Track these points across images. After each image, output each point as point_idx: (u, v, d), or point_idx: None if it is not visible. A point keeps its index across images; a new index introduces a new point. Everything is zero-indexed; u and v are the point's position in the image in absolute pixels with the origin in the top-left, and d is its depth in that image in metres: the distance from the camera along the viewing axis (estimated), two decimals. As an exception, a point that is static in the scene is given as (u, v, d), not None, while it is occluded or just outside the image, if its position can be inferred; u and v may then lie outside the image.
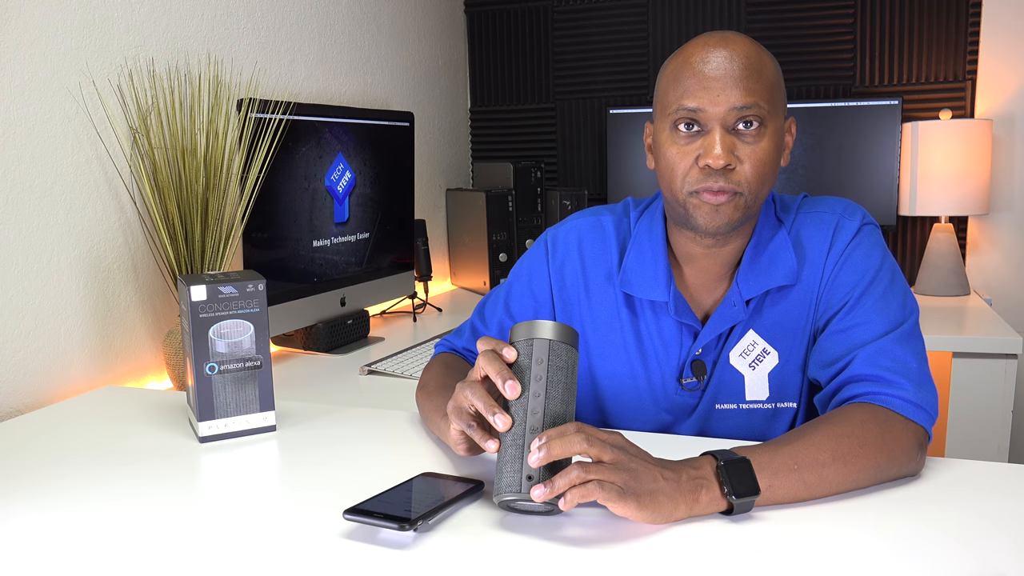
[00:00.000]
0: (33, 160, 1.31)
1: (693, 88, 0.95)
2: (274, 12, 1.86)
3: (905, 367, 0.93)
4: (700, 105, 0.95)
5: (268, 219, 1.63)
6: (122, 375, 1.49)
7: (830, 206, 1.05)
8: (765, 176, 0.97)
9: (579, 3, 2.69)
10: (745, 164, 0.95)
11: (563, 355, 0.82)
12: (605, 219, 1.12)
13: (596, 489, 0.74)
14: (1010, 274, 2.40)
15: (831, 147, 2.34)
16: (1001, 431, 1.87)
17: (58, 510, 0.88)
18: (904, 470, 0.89)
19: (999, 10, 2.32)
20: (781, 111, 0.99)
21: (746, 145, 0.95)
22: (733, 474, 0.80)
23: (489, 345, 0.84)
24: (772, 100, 0.96)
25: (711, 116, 0.95)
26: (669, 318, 1.06)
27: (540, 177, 2.58)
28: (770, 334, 1.04)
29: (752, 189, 0.96)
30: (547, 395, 0.80)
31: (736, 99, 0.94)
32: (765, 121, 0.96)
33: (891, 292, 0.99)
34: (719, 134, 0.94)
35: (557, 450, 0.76)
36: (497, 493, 0.80)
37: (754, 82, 0.94)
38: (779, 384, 1.05)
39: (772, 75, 0.97)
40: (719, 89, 0.94)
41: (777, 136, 0.98)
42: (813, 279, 1.03)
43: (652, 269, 1.06)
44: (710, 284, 1.07)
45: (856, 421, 0.88)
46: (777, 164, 0.99)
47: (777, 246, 1.03)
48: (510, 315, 1.15)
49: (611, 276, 1.10)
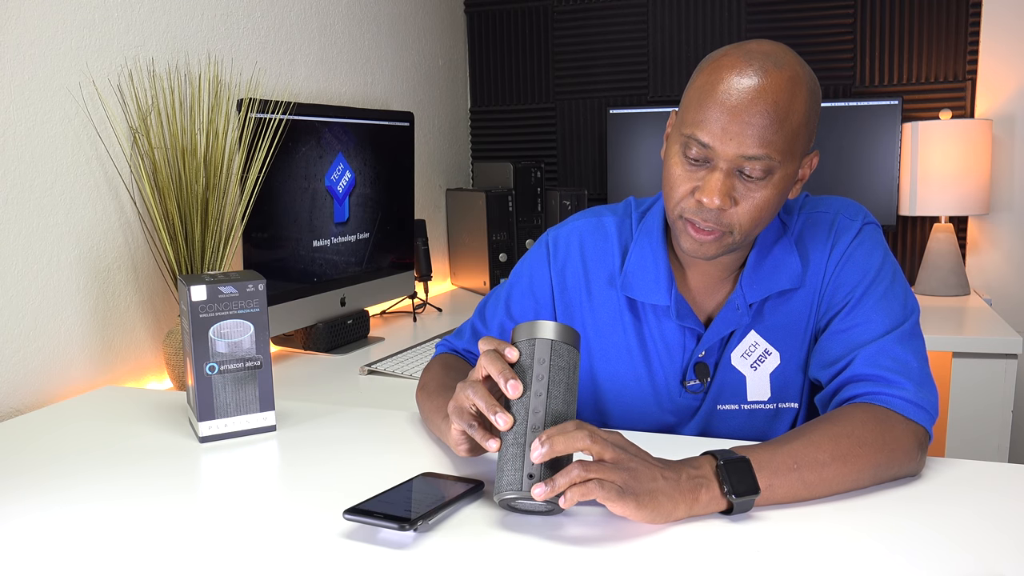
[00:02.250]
0: (33, 160, 1.31)
1: (710, 122, 0.91)
2: (274, 12, 1.86)
3: (906, 367, 0.93)
4: (711, 143, 0.91)
5: (268, 219, 1.63)
6: (122, 375, 1.49)
7: (831, 206, 1.05)
8: (759, 220, 0.95)
9: (579, 3, 2.69)
10: (741, 207, 0.94)
11: (565, 355, 0.82)
12: (607, 220, 1.12)
13: (596, 488, 0.75)
14: (1010, 274, 2.40)
15: (831, 147, 2.34)
16: (1001, 431, 1.87)
17: (58, 510, 0.88)
18: (904, 470, 0.89)
19: (999, 10, 2.32)
20: (799, 155, 0.95)
21: (747, 189, 0.93)
22: (733, 473, 0.80)
23: (491, 345, 0.84)
24: (789, 150, 0.92)
25: (719, 155, 0.91)
26: (672, 321, 1.06)
27: (540, 177, 2.58)
28: (772, 335, 1.04)
29: (743, 230, 0.95)
30: (549, 395, 0.80)
31: (748, 147, 0.90)
32: (774, 170, 0.92)
33: (892, 292, 0.99)
34: (721, 176, 0.92)
35: (560, 446, 0.76)
36: (498, 491, 0.80)
37: (773, 133, 0.90)
38: (781, 385, 1.05)
39: (798, 121, 0.91)
40: (735, 132, 0.90)
41: (784, 183, 0.94)
42: (815, 280, 1.03)
43: (654, 272, 1.05)
44: (712, 286, 1.06)
45: (856, 421, 0.88)
46: (776, 208, 0.96)
47: (782, 250, 1.03)
48: (511, 316, 1.15)
49: (613, 279, 1.09)
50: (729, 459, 0.81)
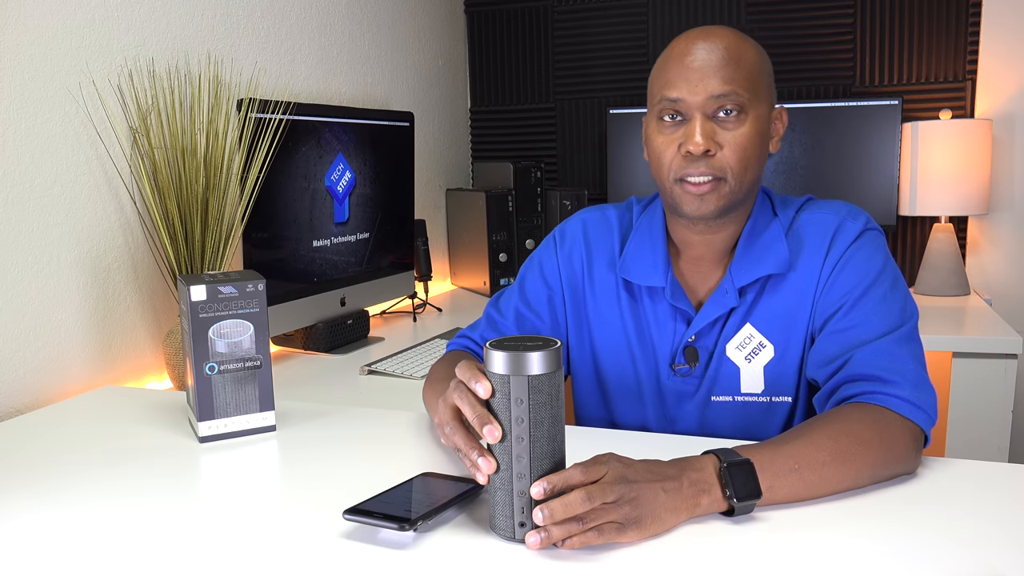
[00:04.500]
0: (33, 160, 1.31)
1: (675, 79, 0.99)
2: (274, 12, 1.86)
3: (903, 368, 0.94)
4: (680, 95, 0.99)
5: (268, 219, 1.63)
6: (122, 375, 1.49)
7: (834, 208, 1.07)
8: (747, 161, 1.00)
9: (579, 3, 2.69)
10: (726, 149, 0.99)
11: (545, 387, 0.75)
12: (610, 213, 1.18)
13: (594, 536, 0.74)
14: (1010, 274, 2.40)
15: (831, 147, 2.34)
16: (1001, 431, 1.87)
17: (58, 510, 0.88)
18: (901, 468, 0.89)
19: (999, 10, 2.32)
20: (765, 99, 1.02)
21: (727, 131, 0.99)
22: (736, 476, 0.80)
23: (464, 374, 0.79)
24: (752, 88, 0.99)
25: (691, 105, 0.99)
26: (665, 304, 1.10)
27: (540, 177, 2.58)
28: (767, 328, 1.06)
29: (735, 173, 1.00)
30: (532, 438, 0.75)
31: (714, 87, 0.97)
32: (745, 108, 0.99)
33: (892, 296, 1.01)
34: (699, 121, 0.98)
35: (558, 532, 0.73)
36: (492, 527, 0.79)
37: (732, 71, 0.98)
38: (774, 377, 1.07)
39: (753, 63, 1.00)
40: (698, 79, 0.98)
41: (759, 123, 1.01)
42: (810, 275, 1.04)
43: (651, 257, 1.10)
44: (705, 271, 1.10)
45: (853, 420, 0.88)
46: (761, 150, 1.02)
47: (771, 237, 1.06)
48: (526, 302, 1.18)
49: (612, 263, 1.15)
50: (732, 461, 0.81)
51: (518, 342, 0.77)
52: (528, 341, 0.77)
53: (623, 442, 1.03)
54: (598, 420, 1.19)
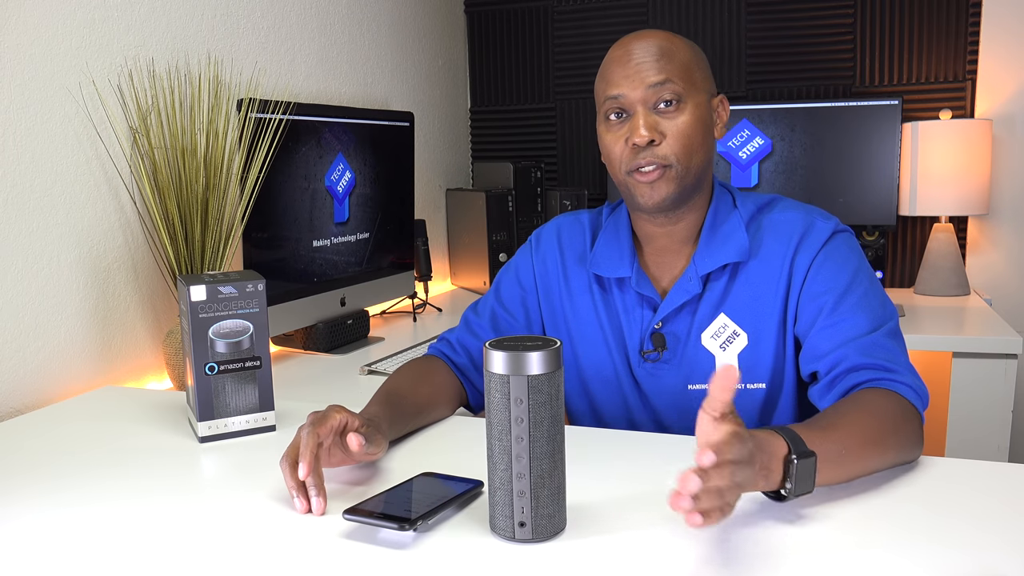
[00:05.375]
0: (33, 160, 1.31)
1: (615, 79, 1.06)
2: (274, 12, 1.86)
3: (898, 359, 0.99)
4: (621, 91, 1.05)
5: (268, 219, 1.63)
6: (122, 375, 1.49)
7: (805, 209, 1.13)
8: (691, 147, 1.05)
9: (579, 3, 2.69)
10: (669, 138, 1.05)
11: (545, 388, 0.75)
12: (583, 216, 1.25)
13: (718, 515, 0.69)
14: (1010, 274, 2.40)
15: (831, 147, 2.34)
16: (1001, 431, 1.87)
17: (58, 510, 0.88)
18: (913, 453, 0.92)
19: (999, 10, 2.32)
20: (702, 88, 1.08)
21: (668, 120, 1.05)
22: (801, 473, 0.77)
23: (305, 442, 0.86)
24: (687, 77, 1.05)
25: (632, 100, 1.05)
26: (632, 292, 1.15)
27: (540, 177, 2.58)
28: (739, 316, 1.10)
29: (680, 160, 1.05)
30: (531, 438, 0.75)
31: (649, 78, 1.04)
32: (683, 97, 1.05)
33: (872, 293, 1.05)
34: (642, 114, 1.04)
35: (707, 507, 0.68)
36: (492, 527, 0.79)
37: (666, 63, 1.05)
38: (749, 365, 1.11)
39: (685, 56, 1.06)
40: (635, 74, 1.05)
41: (699, 110, 1.06)
42: (778, 265, 1.08)
43: (617, 251, 1.16)
44: (670, 261, 1.15)
45: (879, 405, 0.92)
46: (704, 136, 1.07)
47: (730, 227, 1.11)
48: (501, 303, 1.24)
49: (583, 259, 1.21)
50: (801, 453, 0.77)
51: (518, 342, 0.76)
52: (528, 341, 0.77)
53: (616, 442, 1.03)
54: (582, 413, 1.22)
